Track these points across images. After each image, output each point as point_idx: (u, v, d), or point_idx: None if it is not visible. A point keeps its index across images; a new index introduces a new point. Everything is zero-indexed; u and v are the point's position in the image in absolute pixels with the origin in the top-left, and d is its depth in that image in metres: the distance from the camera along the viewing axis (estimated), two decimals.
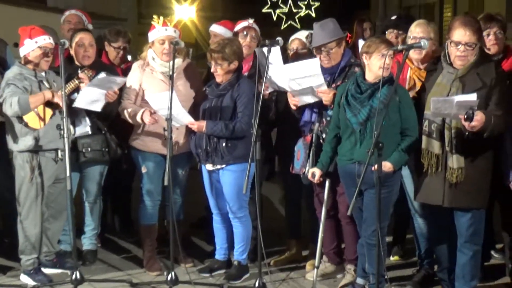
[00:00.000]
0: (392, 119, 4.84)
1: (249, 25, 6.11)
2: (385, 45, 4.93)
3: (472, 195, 4.92)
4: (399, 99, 4.89)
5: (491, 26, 5.42)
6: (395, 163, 4.91)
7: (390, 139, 4.82)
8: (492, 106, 4.79)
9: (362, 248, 5.22)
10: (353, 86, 5.03)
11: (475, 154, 4.89)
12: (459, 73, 4.90)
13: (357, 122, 4.97)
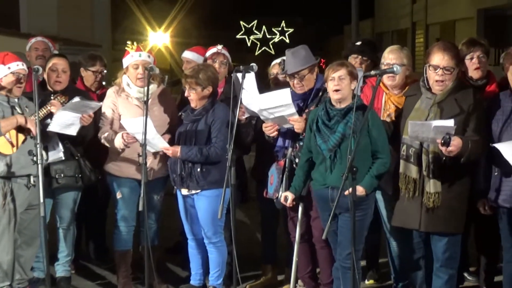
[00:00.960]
0: (361, 143, 4.83)
1: (218, 51, 6.17)
2: (336, 66, 4.96)
3: (448, 220, 4.96)
4: (369, 122, 4.90)
5: (475, 50, 5.48)
6: (367, 187, 4.92)
7: (361, 163, 4.83)
8: (470, 132, 4.85)
9: (337, 272, 5.22)
10: (323, 112, 5.06)
11: (452, 179, 4.94)
12: (437, 98, 4.96)
13: (326, 149, 4.99)
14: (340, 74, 4.93)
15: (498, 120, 4.96)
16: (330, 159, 4.99)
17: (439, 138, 4.63)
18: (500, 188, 4.95)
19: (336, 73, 4.94)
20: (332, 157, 4.98)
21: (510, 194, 4.91)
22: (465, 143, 4.70)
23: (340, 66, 4.97)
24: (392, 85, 5.43)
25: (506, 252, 5.15)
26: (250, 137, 5.80)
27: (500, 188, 4.95)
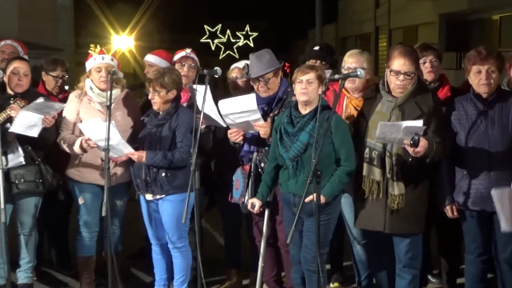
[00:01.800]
0: (325, 151, 4.82)
1: (187, 55, 6.12)
2: (305, 68, 4.97)
3: (411, 221, 5.01)
4: (331, 129, 4.89)
5: (427, 55, 5.57)
6: (327, 195, 4.89)
7: (324, 170, 4.85)
8: (431, 134, 4.89)
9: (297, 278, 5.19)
10: (287, 118, 5.05)
11: (414, 180, 4.99)
12: (398, 101, 5.00)
13: (288, 158, 4.99)
14: (308, 77, 4.93)
15: (463, 125, 5.00)
16: (293, 168, 4.99)
17: (407, 138, 4.67)
18: (469, 192, 5.00)
19: (304, 76, 4.93)
20: (294, 166, 4.98)
21: (480, 197, 4.96)
22: (430, 144, 4.74)
23: (309, 69, 4.97)
24: (352, 88, 5.46)
25: (469, 253, 5.20)
26: (210, 144, 5.78)
27: (468, 192, 5.00)
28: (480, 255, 5.15)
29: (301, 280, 5.18)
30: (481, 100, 4.96)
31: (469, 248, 5.20)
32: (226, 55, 37.85)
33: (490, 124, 4.92)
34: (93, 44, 5.73)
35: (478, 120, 4.95)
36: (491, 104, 4.95)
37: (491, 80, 4.90)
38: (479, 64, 4.90)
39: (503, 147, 4.89)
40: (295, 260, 5.19)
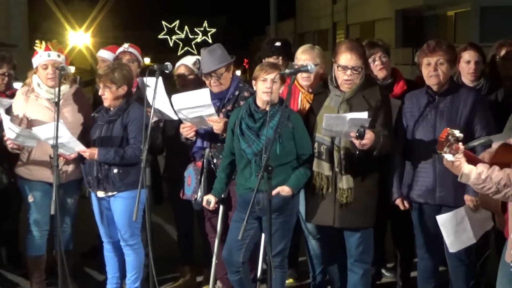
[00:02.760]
0: (286, 147, 4.84)
1: (124, 50, 6.10)
2: (268, 68, 4.93)
3: (360, 215, 5.00)
4: (292, 125, 4.90)
5: (375, 52, 5.57)
6: (294, 187, 4.90)
7: (286, 166, 4.83)
8: (379, 127, 4.90)
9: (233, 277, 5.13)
10: (247, 114, 5.01)
11: (363, 174, 4.98)
12: (346, 96, 4.99)
13: (252, 153, 4.94)
14: (273, 76, 4.88)
15: (414, 115, 5.02)
16: (256, 163, 4.94)
17: (353, 131, 4.66)
18: (413, 184, 5.02)
19: (269, 75, 4.88)
20: (257, 161, 4.93)
21: (424, 190, 4.98)
22: (377, 136, 4.74)
23: (274, 69, 4.93)
24: (307, 85, 5.44)
25: (419, 248, 5.23)
26: (159, 141, 5.71)
27: (412, 184, 5.02)
28: (429, 250, 5.16)
29: (238, 281, 5.12)
30: (432, 93, 4.99)
31: (418, 243, 5.23)
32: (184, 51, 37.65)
33: (439, 116, 4.94)
34: (39, 40, 5.62)
35: (428, 112, 4.97)
36: (442, 97, 4.97)
37: (440, 72, 4.91)
38: (428, 56, 4.92)
39: None
40: (228, 262, 5.11)
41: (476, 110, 4.89)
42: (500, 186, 3.38)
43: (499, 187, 3.39)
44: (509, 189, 3.37)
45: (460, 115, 4.91)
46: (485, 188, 3.44)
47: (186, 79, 6.00)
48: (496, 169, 3.42)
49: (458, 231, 4.64)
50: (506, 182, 3.37)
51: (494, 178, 3.39)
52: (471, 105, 4.90)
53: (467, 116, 4.88)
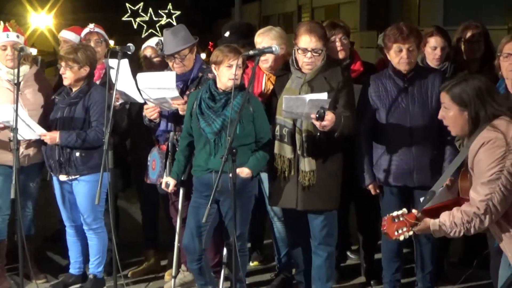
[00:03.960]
0: (246, 129, 4.82)
1: (91, 30, 6.02)
2: (233, 55, 4.88)
3: (324, 197, 4.99)
4: (252, 109, 4.87)
5: (336, 33, 5.53)
6: (253, 168, 4.89)
7: (245, 147, 4.81)
8: (340, 108, 4.89)
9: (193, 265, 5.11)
10: (207, 95, 4.96)
11: (325, 156, 4.97)
12: (307, 77, 4.96)
13: (211, 132, 4.90)
14: (238, 62, 4.82)
15: (384, 102, 5.02)
16: (214, 142, 4.90)
17: (314, 112, 4.64)
18: (390, 168, 5.03)
19: (235, 61, 4.83)
20: (216, 141, 4.90)
21: (401, 173, 5.00)
22: (338, 117, 4.73)
23: (237, 54, 4.87)
24: (266, 67, 5.40)
25: None
26: (124, 123, 5.64)
27: (389, 168, 5.03)
28: None
29: (198, 270, 5.09)
30: (400, 77, 4.99)
31: None
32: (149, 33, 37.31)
33: (411, 100, 4.96)
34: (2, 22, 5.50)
35: (399, 97, 4.98)
36: (410, 81, 4.99)
37: (412, 58, 4.94)
38: (400, 43, 4.92)
39: (423, 122, 4.94)
40: (189, 250, 5.08)
41: None
42: (466, 225, 3.48)
43: (467, 226, 3.48)
44: (474, 222, 3.46)
45: (431, 98, 4.95)
46: (457, 233, 3.53)
47: (152, 61, 5.96)
48: (454, 212, 3.52)
49: None
50: (467, 219, 3.46)
51: (457, 222, 3.49)
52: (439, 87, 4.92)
53: (437, 98, 4.89)
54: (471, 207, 3.45)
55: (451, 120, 3.63)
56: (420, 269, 5.26)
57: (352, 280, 5.88)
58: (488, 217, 3.44)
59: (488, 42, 5.75)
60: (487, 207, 3.42)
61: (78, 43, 5.90)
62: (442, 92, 3.67)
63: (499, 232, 3.59)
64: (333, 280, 5.26)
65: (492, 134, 3.44)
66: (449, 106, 3.61)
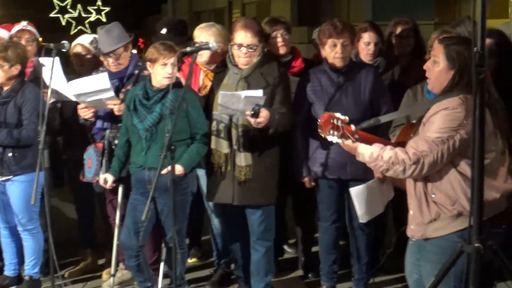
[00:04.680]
0: (179, 125, 4.79)
1: (23, 28, 5.93)
2: (168, 52, 4.87)
3: (260, 192, 5.03)
4: (186, 104, 4.87)
5: (277, 29, 5.60)
6: (186, 166, 4.88)
7: (179, 144, 4.79)
8: (277, 105, 4.95)
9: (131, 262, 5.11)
10: (141, 91, 4.96)
11: (261, 151, 5.01)
12: (243, 73, 5.00)
13: (143, 129, 4.90)
14: (173, 61, 4.82)
15: (319, 96, 5.09)
16: (146, 139, 4.90)
17: (249, 109, 4.68)
18: (326, 162, 5.10)
19: (170, 60, 4.82)
20: (148, 137, 4.90)
21: (336, 166, 5.09)
22: (272, 114, 4.78)
23: (172, 52, 4.86)
24: (201, 62, 5.42)
25: (324, 221, 5.33)
26: (56, 122, 5.58)
27: (326, 162, 5.10)
28: (334, 222, 5.30)
29: (136, 267, 5.08)
30: (335, 72, 5.08)
31: (324, 216, 5.33)
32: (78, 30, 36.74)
33: (345, 95, 5.05)
34: None
35: (333, 92, 5.07)
36: (344, 76, 5.08)
37: (346, 53, 5.04)
38: (335, 38, 5.00)
39: (357, 116, 4.99)
40: (127, 247, 5.07)
41: (376, 87, 5.07)
42: (389, 164, 3.53)
43: (389, 165, 3.54)
44: (397, 166, 3.51)
45: (363, 93, 5.06)
46: (378, 166, 3.59)
47: (83, 58, 5.87)
48: (388, 148, 3.57)
49: (370, 202, 4.78)
50: (394, 160, 3.52)
51: (384, 157, 3.54)
52: (372, 82, 5.07)
53: (370, 93, 5.05)
54: (404, 154, 3.50)
55: (436, 73, 3.65)
56: (356, 260, 5.37)
57: (290, 273, 5.96)
58: (411, 170, 3.49)
59: (418, 37, 5.90)
60: (417, 161, 3.48)
61: (7, 40, 5.78)
62: (438, 44, 3.69)
63: (412, 192, 3.66)
64: (271, 274, 5.31)
65: (459, 105, 3.47)
66: (440, 60, 3.63)
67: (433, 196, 3.58)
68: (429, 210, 3.60)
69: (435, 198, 3.57)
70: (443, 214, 3.56)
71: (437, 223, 3.59)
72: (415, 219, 3.68)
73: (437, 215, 3.58)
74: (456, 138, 3.46)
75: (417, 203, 3.64)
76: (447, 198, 3.53)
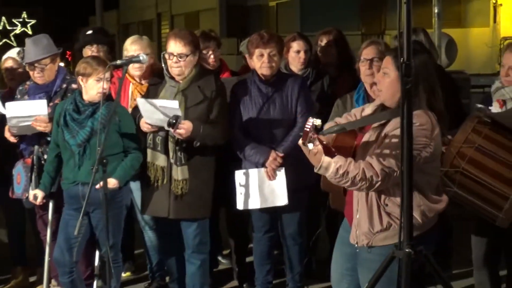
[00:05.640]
0: (111, 139, 4.74)
1: None
2: (102, 68, 4.82)
3: (196, 206, 5.03)
4: (118, 118, 4.84)
5: (209, 45, 5.66)
6: (120, 179, 4.85)
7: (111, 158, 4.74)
8: (213, 118, 4.96)
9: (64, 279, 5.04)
10: (71, 106, 4.90)
11: (198, 165, 5.00)
12: (180, 86, 4.99)
13: (75, 144, 4.84)
14: (107, 75, 4.78)
15: (247, 107, 5.13)
16: (79, 154, 4.85)
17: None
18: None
19: (104, 75, 4.74)
20: (81, 153, 4.85)
21: None
22: (196, 126, 4.79)
23: (104, 65, 4.82)
24: (139, 75, 5.41)
25: (257, 231, 5.37)
26: None
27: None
28: (267, 233, 5.34)
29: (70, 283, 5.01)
30: (263, 83, 5.13)
31: (256, 226, 5.37)
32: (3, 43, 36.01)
33: (272, 106, 5.11)
34: None
35: (261, 102, 5.12)
36: (272, 86, 5.13)
37: (273, 63, 5.08)
38: (262, 48, 5.05)
39: (283, 126, 5.11)
40: (60, 263, 5.00)
41: (300, 97, 5.12)
42: (356, 181, 3.48)
43: (355, 181, 3.49)
44: (363, 183, 3.48)
45: (291, 103, 5.11)
46: (342, 182, 3.52)
47: (14, 72, 5.79)
48: (352, 163, 3.51)
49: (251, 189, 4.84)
50: (361, 177, 3.47)
51: (350, 173, 3.48)
52: (297, 93, 5.13)
53: (295, 103, 5.11)
54: (371, 170, 3.46)
55: (387, 85, 3.62)
56: (289, 270, 5.41)
57: (225, 284, 5.95)
58: (377, 186, 3.47)
59: (344, 47, 5.98)
60: (385, 177, 3.46)
61: None
62: (387, 57, 3.68)
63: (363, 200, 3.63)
64: (207, 286, 5.30)
65: (426, 120, 3.44)
66: (390, 72, 3.61)
67: (386, 207, 3.59)
68: (381, 221, 3.61)
69: (388, 209, 3.59)
70: (394, 225, 3.58)
71: (386, 232, 3.61)
72: (362, 227, 3.68)
73: (388, 226, 3.60)
74: (422, 155, 3.47)
75: (367, 212, 3.64)
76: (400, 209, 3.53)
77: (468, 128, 4.15)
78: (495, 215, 4.06)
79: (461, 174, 4.08)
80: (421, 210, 3.54)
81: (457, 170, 4.08)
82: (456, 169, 4.08)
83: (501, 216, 4.04)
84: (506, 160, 4.04)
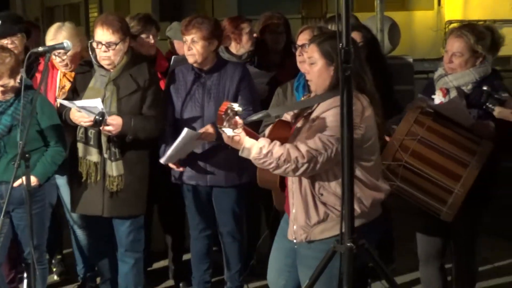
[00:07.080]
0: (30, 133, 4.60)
1: None
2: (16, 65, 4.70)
3: (131, 203, 5.00)
4: (37, 110, 4.73)
5: (150, 29, 5.57)
6: (40, 176, 4.76)
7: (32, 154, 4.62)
8: (145, 109, 4.92)
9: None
10: None
11: (133, 160, 4.96)
12: (112, 75, 4.91)
13: None
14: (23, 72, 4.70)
15: (181, 95, 5.09)
16: None
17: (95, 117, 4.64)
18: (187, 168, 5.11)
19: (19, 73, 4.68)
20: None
21: (195, 171, 5.09)
22: (126, 121, 4.76)
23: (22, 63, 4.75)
24: (62, 64, 5.31)
25: (193, 229, 5.37)
26: None
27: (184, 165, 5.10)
28: (203, 231, 5.34)
29: None
30: (198, 70, 5.07)
31: (192, 224, 5.37)
32: None
33: (206, 94, 5.04)
34: None
35: (195, 91, 5.06)
36: (208, 74, 5.07)
37: (194, 50, 4.94)
38: (184, 34, 4.98)
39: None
40: None
41: (241, 86, 5.06)
42: (280, 162, 3.51)
43: (279, 163, 3.52)
44: (288, 165, 3.51)
45: (227, 92, 5.02)
46: (266, 163, 3.55)
47: None
48: (277, 144, 3.54)
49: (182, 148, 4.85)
50: (286, 157, 3.50)
51: (274, 154, 3.51)
52: (238, 82, 5.05)
53: (234, 93, 5.03)
54: (297, 151, 3.50)
55: (316, 73, 3.69)
56: (227, 268, 5.43)
57: (160, 284, 5.95)
58: (304, 168, 3.51)
59: (288, 33, 5.96)
60: (311, 159, 3.50)
61: None
62: (311, 45, 3.74)
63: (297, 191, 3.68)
64: (141, 286, 5.29)
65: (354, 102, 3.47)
66: (316, 60, 3.68)
67: (321, 197, 3.63)
68: (317, 211, 3.64)
69: (323, 198, 3.63)
70: (332, 215, 3.62)
71: (324, 224, 3.65)
72: (299, 221, 3.71)
73: (325, 216, 3.64)
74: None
75: (303, 204, 3.67)
76: (337, 198, 3.58)
77: (410, 119, 4.21)
78: (440, 209, 4.15)
79: (404, 168, 4.15)
80: (356, 198, 3.57)
81: (399, 164, 4.14)
82: (399, 162, 4.14)
83: (445, 210, 4.13)
84: (450, 152, 4.12)
